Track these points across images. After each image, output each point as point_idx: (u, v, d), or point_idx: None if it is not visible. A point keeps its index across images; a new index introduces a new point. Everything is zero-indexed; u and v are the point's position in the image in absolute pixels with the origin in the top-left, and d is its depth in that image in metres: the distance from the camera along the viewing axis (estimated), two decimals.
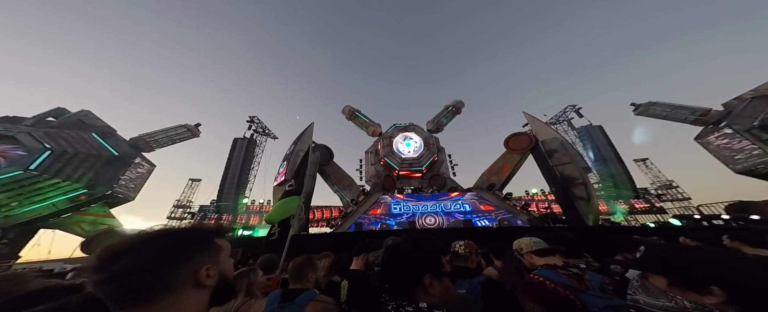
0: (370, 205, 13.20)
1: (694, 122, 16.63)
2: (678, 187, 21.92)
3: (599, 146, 23.31)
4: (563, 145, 12.71)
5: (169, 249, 0.56)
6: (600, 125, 24.60)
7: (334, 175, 16.03)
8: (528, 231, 8.13)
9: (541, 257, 1.61)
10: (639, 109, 19.25)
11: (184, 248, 0.59)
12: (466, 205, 12.91)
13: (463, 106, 19.93)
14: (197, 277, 0.57)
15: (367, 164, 17.79)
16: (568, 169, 12.00)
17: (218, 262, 0.64)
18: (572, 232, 7.64)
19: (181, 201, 26.27)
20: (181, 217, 24.63)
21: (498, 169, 14.43)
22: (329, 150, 16.56)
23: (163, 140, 19.90)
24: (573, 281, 1.21)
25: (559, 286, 1.19)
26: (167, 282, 0.52)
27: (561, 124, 27.18)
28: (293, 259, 1.72)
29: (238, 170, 23.54)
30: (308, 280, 1.60)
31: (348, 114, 19.99)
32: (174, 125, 21.24)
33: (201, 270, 0.58)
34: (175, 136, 20.81)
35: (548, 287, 1.21)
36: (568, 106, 27.09)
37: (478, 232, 9.82)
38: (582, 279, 1.23)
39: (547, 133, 13.14)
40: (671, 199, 21.55)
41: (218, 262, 0.64)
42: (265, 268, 2.25)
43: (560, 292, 1.17)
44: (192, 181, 29.21)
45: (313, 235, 11.82)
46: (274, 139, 28.47)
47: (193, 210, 23.67)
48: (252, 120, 26.62)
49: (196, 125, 22.59)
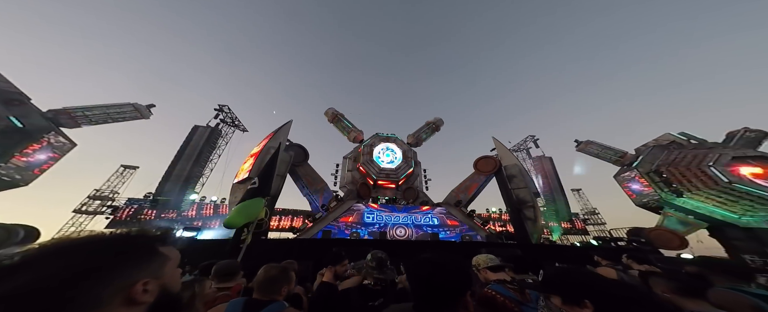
0: (342, 212, 12.90)
1: (615, 162, 20.66)
2: (599, 214, 26.64)
3: (548, 175, 27.21)
4: (521, 171, 14.47)
5: (89, 262, 0.47)
6: (550, 157, 28.83)
7: (307, 177, 15.32)
8: (485, 246, 8.97)
9: (494, 273, 1.81)
10: (579, 146, 23.14)
11: (111, 260, 0.50)
12: (434, 218, 13.56)
13: (442, 124, 21.23)
14: (130, 293, 0.49)
15: (343, 169, 17.46)
16: (523, 193, 13.65)
17: (161, 274, 0.56)
18: (520, 248, 8.72)
19: (101, 191, 21.63)
20: (96, 211, 20.18)
21: (465, 187, 15.60)
22: (304, 150, 15.86)
23: (96, 117, 16.32)
24: (518, 295, 1.38)
25: (507, 299, 1.35)
26: (85, 302, 0.44)
27: (521, 152, 31.02)
28: (265, 267, 1.55)
29: (192, 161, 20.69)
30: (280, 294, 1.47)
31: (331, 117, 19.55)
32: (118, 102, 17.78)
33: (136, 285, 0.50)
34: (115, 114, 17.29)
35: (499, 300, 1.36)
36: (529, 136, 31.21)
37: (443, 245, 10.34)
38: (523, 292, 1.41)
39: (509, 159, 14.83)
40: (593, 223, 26.02)
41: (160, 275, 0.56)
42: (225, 274, 2.00)
43: (508, 304, 1.32)
44: (124, 168, 24.52)
45: (275, 241, 10.94)
46: (243, 132, 26.01)
47: (117, 203, 19.64)
48: (221, 108, 23.97)
49: (149, 106, 19.31)
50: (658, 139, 19.56)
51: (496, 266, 1.83)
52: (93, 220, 20.59)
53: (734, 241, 13.82)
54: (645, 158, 18.27)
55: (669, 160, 16.73)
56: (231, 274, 2.05)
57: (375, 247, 2.27)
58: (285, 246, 8.62)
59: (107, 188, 22.66)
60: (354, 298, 1.81)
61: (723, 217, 14.24)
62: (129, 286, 0.49)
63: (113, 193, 22.40)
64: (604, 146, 21.60)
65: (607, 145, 21.59)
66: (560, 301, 0.94)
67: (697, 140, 18.46)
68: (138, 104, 18.55)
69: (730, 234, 14.02)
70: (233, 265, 2.14)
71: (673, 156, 16.89)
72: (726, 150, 16.01)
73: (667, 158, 16.98)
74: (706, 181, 14.77)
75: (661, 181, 16.27)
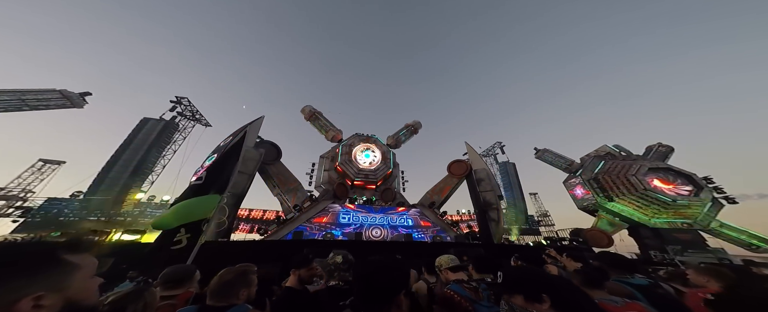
0: (316, 212, 12.46)
1: (565, 169, 23.68)
2: (550, 216, 30.13)
3: (510, 179, 29.95)
4: (488, 175, 15.66)
5: None
6: (514, 163, 31.80)
7: (278, 177, 14.46)
8: (454, 246, 9.49)
9: (454, 273, 1.89)
10: (538, 154, 26.00)
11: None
12: (409, 219, 13.90)
13: (420, 127, 21.92)
14: (12, 310, 0.43)
15: (320, 169, 16.89)
16: (489, 195, 14.75)
17: (64, 286, 0.50)
18: (483, 248, 9.43)
19: (7, 190, 17.61)
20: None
21: (439, 190, 16.32)
22: (277, 148, 14.95)
23: (5, 103, 13.22)
24: (472, 293, 1.45)
25: (463, 298, 1.41)
26: None
27: (489, 157, 33.61)
28: (220, 273, 1.47)
29: (139, 157, 18.00)
30: (238, 298, 1.39)
31: (308, 114, 18.80)
32: (40, 88, 14.62)
33: (22, 302, 0.44)
34: (34, 101, 14.17)
35: (455, 299, 1.42)
36: (496, 143, 34.03)
37: (415, 245, 10.64)
38: (477, 291, 1.47)
39: (479, 163, 15.93)
40: (545, 224, 29.33)
41: (64, 287, 0.50)
42: (175, 281, 1.82)
43: (463, 303, 1.39)
44: (44, 162, 20.30)
45: (238, 243, 10.03)
46: (205, 127, 23.49)
47: (31, 204, 16.12)
48: (179, 101, 21.36)
49: (83, 94, 16.25)
50: (598, 150, 22.99)
51: (455, 266, 1.93)
52: None
53: (645, 239, 16.94)
54: (587, 166, 21.34)
55: (604, 169, 19.88)
56: (181, 281, 1.85)
57: (350, 248, 2.24)
58: (250, 248, 7.98)
59: (17, 186, 18.46)
60: (324, 299, 1.81)
61: (639, 219, 17.48)
62: (11, 302, 0.42)
63: (26, 192, 18.33)
64: (557, 155, 24.60)
65: (559, 153, 24.63)
66: (523, 299, 0.99)
67: (626, 152, 22.19)
68: (67, 91, 15.61)
69: (642, 233, 17.18)
70: (186, 270, 1.93)
71: (608, 165, 20.08)
72: (644, 162, 19.53)
73: (603, 167, 20.16)
74: (629, 188, 17.97)
75: (598, 188, 19.25)
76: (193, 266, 2.07)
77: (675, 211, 16.96)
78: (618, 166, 19.62)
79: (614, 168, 19.62)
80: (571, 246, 14.20)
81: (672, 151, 21.57)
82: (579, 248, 12.90)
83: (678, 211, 16.95)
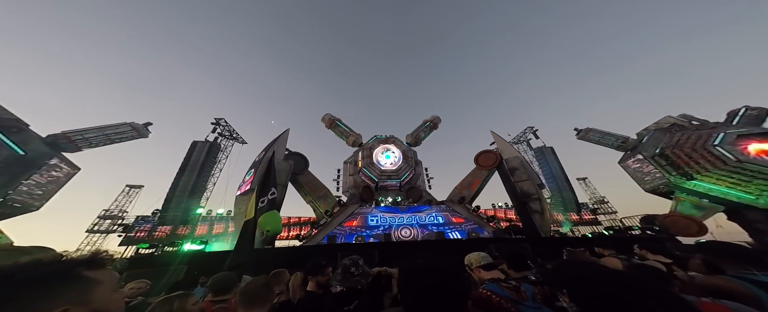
0: (345, 216, 12.84)
1: (618, 148, 20.40)
2: (608, 202, 26.14)
3: (551, 165, 26.88)
4: (523, 163, 14.33)
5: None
6: (551, 147, 28.51)
7: (308, 185, 15.33)
8: (493, 242, 8.81)
9: (487, 271, 1.73)
10: (580, 134, 22.91)
11: (7, 292, 0.47)
12: (439, 217, 13.43)
13: (439, 122, 21.19)
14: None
15: (345, 174, 17.47)
16: (526, 185, 13.47)
17: (88, 299, 0.54)
18: (529, 242, 8.55)
19: (110, 211, 22.13)
20: (108, 230, 20.59)
21: (468, 184, 15.47)
22: (304, 158, 15.91)
23: (96, 139, 16.58)
24: (513, 293, 1.33)
25: (503, 299, 1.30)
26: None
27: (521, 144, 30.69)
28: (246, 284, 1.56)
29: (195, 176, 20.85)
30: (264, 307, 1.47)
31: (328, 122, 19.65)
32: (115, 123, 18.06)
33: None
34: (114, 135, 17.54)
35: (494, 301, 1.30)
36: (528, 128, 30.92)
37: (449, 243, 10.21)
38: (519, 291, 1.35)
39: (510, 152, 14.71)
40: (604, 212, 25.51)
41: (88, 300, 0.54)
42: (219, 289, 1.96)
43: (504, 305, 1.27)
44: (130, 188, 24.97)
45: (280, 249, 10.91)
46: (242, 144, 26.24)
47: (127, 221, 19.96)
48: (218, 122, 24.25)
49: (146, 124, 19.59)
50: (659, 122, 19.29)
51: (488, 264, 1.78)
52: (107, 239, 21.04)
53: (755, 224, 13.03)
54: (648, 142, 17.99)
55: (673, 142, 16.42)
56: (228, 288, 2.02)
57: (380, 249, 2.24)
58: (290, 254, 8.56)
59: (116, 207, 23.04)
60: (328, 305, 1.83)
61: (739, 199, 13.48)
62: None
63: (122, 212, 22.76)
64: (605, 132, 21.37)
65: (607, 131, 21.37)
66: (567, 298, 0.89)
67: (699, 121, 18.18)
68: (135, 123, 18.84)
69: (750, 216, 13.26)
70: (227, 277, 2.11)
71: (677, 138, 16.59)
72: (729, 129, 15.70)
73: (670, 140, 16.69)
74: (713, 162, 14.33)
75: (668, 165, 15.91)
76: (233, 273, 2.27)
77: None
78: (692, 137, 16.08)
79: (687, 140, 16.13)
80: (644, 236, 12.10)
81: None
82: (656, 238, 10.87)
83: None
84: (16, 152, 13.31)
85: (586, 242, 10.75)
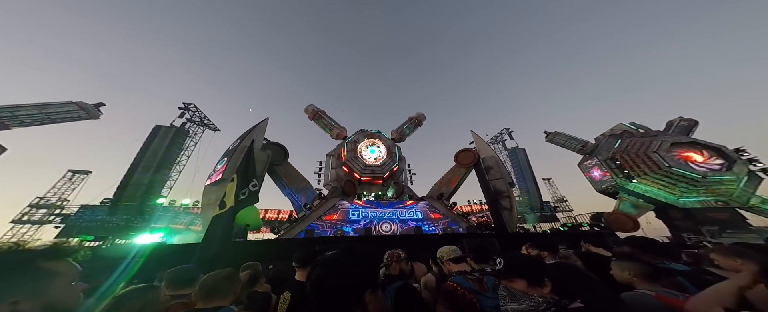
0: (326, 210, 12.65)
1: (578, 151, 22.69)
2: (567, 201, 29.14)
3: (521, 165, 29.07)
4: (497, 162, 15.24)
5: None
6: (523, 148, 30.75)
7: (287, 177, 14.75)
8: (466, 237, 9.36)
9: (456, 264, 1.83)
10: (548, 137, 25.00)
11: None
12: (418, 213, 13.86)
13: (424, 119, 21.54)
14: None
15: (327, 167, 17.07)
16: (499, 183, 14.38)
17: (43, 292, 0.53)
18: (498, 238, 9.24)
19: (46, 199, 19.15)
20: (41, 221, 17.85)
21: (447, 181, 16.10)
22: (283, 148, 15.18)
23: (30, 118, 14.07)
24: (476, 285, 1.41)
25: (467, 290, 1.37)
26: None
27: (497, 144, 32.63)
28: (208, 276, 1.49)
29: (157, 163, 18.84)
30: (226, 299, 1.40)
31: (311, 114, 18.88)
32: (57, 101, 15.44)
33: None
34: (54, 114, 15.01)
35: (459, 292, 1.38)
36: (504, 129, 32.90)
37: (426, 238, 10.59)
38: (481, 282, 1.43)
39: (487, 151, 15.51)
40: (562, 210, 28.43)
41: (42, 293, 0.53)
42: (181, 281, 1.84)
43: (467, 295, 1.35)
44: (73, 173, 21.77)
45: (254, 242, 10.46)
46: (214, 132, 24.19)
47: (68, 211, 17.53)
48: (186, 107, 22.01)
49: (97, 105, 17.03)
50: (613, 128, 21.78)
51: (457, 257, 1.87)
52: (40, 230, 18.22)
53: (675, 221, 15.88)
54: (602, 146, 20.31)
55: (622, 148, 18.79)
56: (189, 281, 1.87)
57: (361, 243, 2.24)
58: (265, 247, 8.24)
59: (53, 195, 19.96)
60: None
61: (665, 200, 16.29)
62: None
63: (61, 200, 19.81)
64: (569, 136, 23.57)
65: (571, 135, 23.57)
66: (525, 284, 1.02)
67: (644, 129, 20.89)
68: (83, 103, 16.36)
69: (671, 215, 16.08)
70: (190, 270, 1.96)
71: (625, 144, 18.98)
72: (666, 137, 18.31)
73: (620, 146, 19.07)
74: (651, 166, 16.83)
75: (616, 168, 18.25)
76: (194, 266, 2.10)
77: (706, 189, 15.50)
78: (637, 144, 18.50)
79: (633, 146, 18.52)
80: (591, 232, 13.69)
81: (696, 125, 20.03)
82: (601, 234, 12.36)
83: (710, 188, 15.47)
84: None
85: (545, 237, 11.95)
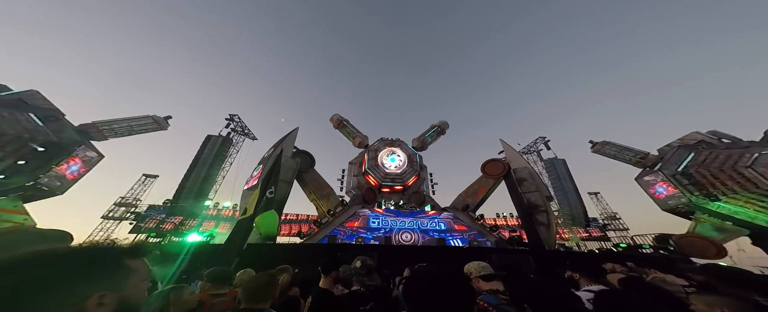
0: (347, 216, 12.89)
1: (635, 164, 19.37)
2: (620, 218, 24.84)
3: (561, 178, 25.89)
4: (531, 174, 13.88)
5: (32, 277, 0.46)
6: (563, 159, 27.47)
7: (313, 183, 15.51)
8: (495, 252, 8.56)
9: (486, 282, 1.71)
10: (595, 147, 21.94)
11: (61, 274, 0.49)
12: (441, 223, 13.23)
13: (447, 127, 20.91)
14: (83, 306, 0.49)
15: (349, 175, 17.56)
16: (534, 197, 13.04)
17: (122, 287, 0.56)
18: (533, 255, 8.26)
19: (126, 199, 23.22)
20: (121, 217, 21.60)
21: (473, 192, 15.15)
22: (311, 156, 16.12)
23: (120, 130, 17.59)
24: (511, 306, 1.32)
25: (499, 311, 1.30)
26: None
27: (531, 155, 29.77)
28: (253, 276, 1.58)
29: (206, 169, 21.61)
30: (267, 302, 1.47)
31: (336, 123, 19.86)
32: (139, 115, 19.07)
33: (90, 299, 0.49)
34: (137, 126, 18.53)
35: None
36: (539, 138, 29.95)
37: (450, 250, 10.02)
38: None
39: (518, 162, 14.29)
40: (614, 228, 24.25)
41: (121, 288, 0.56)
42: (217, 278, 2.03)
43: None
44: (146, 177, 26.14)
45: (277, 245, 11.08)
46: (253, 140, 26.99)
47: (139, 210, 20.95)
48: (231, 118, 25.09)
49: (166, 118, 20.54)
50: (684, 138, 18.18)
51: (489, 275, 1.74)
52: (119, 226, 22.09)
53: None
54: (670, 159, 17.00)
55: (699, 161, 15.44)
56: (227, 279, 2.09)
57: (380, 251, 2.23)
58: (291, 250, 8.68)
59: (131, 196, 24.21)
60: (345, 303, 1.85)
61: (766, 224, 12.76)
62: (82, 299, 0.49)
63: (136, 200, 23.88)
64: (623, 147, 20.36)
65: (625, 145, 20.35)
66: None
67: (730, 139, 16.97)
68: (157, 116, 19.76)
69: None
70: (225, 271, 2.17)
71: (703, 156, 15.58)
72: (765, 149, 14.57)
73: (696, 159, 15.69)
74: (744, 184, 13.42)
75: (690, 184, 14.97)
76: (228, 267, 2.35)
77: None
78: (720, 157, 15.08)
79: (714, 159, 15.14)
80: (657, 255, 11.43)
81: None
82: (670, 258, 10.25)
83: None
84: (50, 138, 14.29)
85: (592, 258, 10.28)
